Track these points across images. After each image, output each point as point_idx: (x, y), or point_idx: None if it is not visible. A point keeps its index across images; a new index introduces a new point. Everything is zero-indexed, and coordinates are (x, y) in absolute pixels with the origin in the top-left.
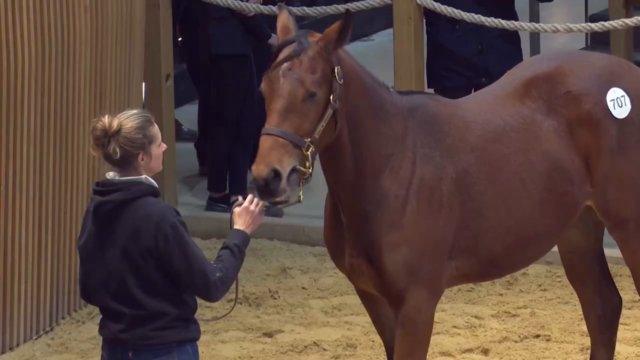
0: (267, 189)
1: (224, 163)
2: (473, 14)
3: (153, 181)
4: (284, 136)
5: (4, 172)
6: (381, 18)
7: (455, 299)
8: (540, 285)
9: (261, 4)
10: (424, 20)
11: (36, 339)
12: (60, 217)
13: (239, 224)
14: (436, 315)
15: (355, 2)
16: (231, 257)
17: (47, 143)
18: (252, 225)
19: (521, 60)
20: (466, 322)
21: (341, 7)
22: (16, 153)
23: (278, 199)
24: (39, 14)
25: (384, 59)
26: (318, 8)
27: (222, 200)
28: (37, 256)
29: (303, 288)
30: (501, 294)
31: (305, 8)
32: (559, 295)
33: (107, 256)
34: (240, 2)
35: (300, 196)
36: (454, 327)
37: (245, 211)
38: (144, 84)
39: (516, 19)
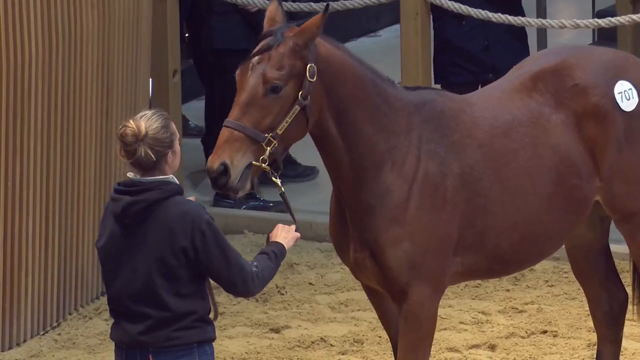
0: (216, 182)
1: None
2: (480, 10)
3: (177, 180)
4: (240, 129)
5: (11, 167)
6: (388, 14)
7: (462, 295)
8: (547, 281)
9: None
10: (431, 16)
11: (43, 334)
12: (67, 212)
13: (278, 238)
14: (443, 310)
15: None
16: (267, 260)
17: (54, 138)
18: (290, 240)
19: (528, 55)
20: (473, 317)
21: (348, 3)
22: (23, 148)
23: (228, 192)
24: (46, 10)
25: (390, 54)
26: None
27: (228, 196)
28: (44, 251)
29: (310, 284)
30: (508, 290)
31: (312, 4)
32: (566, 291)
33: (134, 257)
34: None
35: (280, 188)
36: (461, 322)
37: (281, 228)
38: (151, 79)
39: (523, 15)
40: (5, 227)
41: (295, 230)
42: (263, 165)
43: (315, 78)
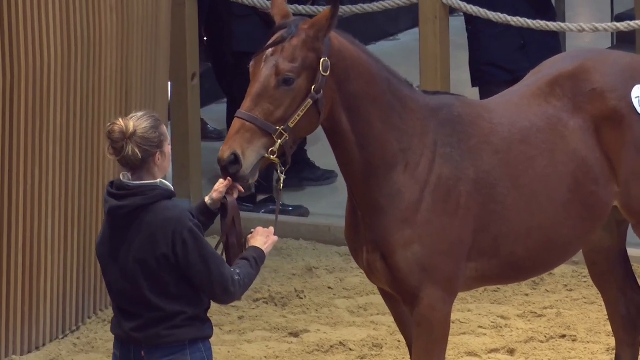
0: (227, 171)
1: None
2: (499, 14)
3: (167, 183)
4: (252, 121)
5: (30, 171)
6: (407, 17)
7: (481, 299)
8: (566, 286)
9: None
10: (464, 18)
11: (62, 338)
12: (86, 216)
13: (255, 242)
14: (462, 315)
15: (381, 1)
16: (248, 267)
17: (72, 142)
18: (268, 245)
19: (563, 52)
20: (492, 322)
21: (367, 7)
22: (42, 152)
23: (239, 182)
24: (64, 13)
25: (409, 58)
26: (344, 7)
27: (247, 200)
28: (64, 255)
29: (329, 288)
30: (527, 294)
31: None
32: (585, 295)
33: (121, 259)
34: (264, 1)
35: (280, 184)
36: (480, 327)
37: (260, 232)
38: (169, 82)
39: (554, 13)
40: (24, 231)
41: (281, 229)
42: (272, 157)
43: (328, 72)
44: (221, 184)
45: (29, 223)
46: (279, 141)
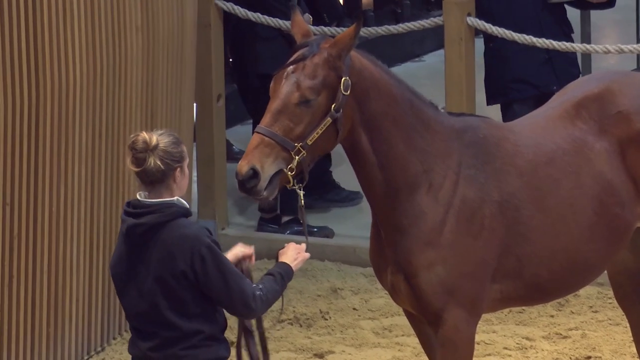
0: (244, 186)
1: None
2: (524, 35)
3: (184, 201)
4: (271, 136)
5: (56, 192)
6: (432, 39)
7: (506, 320)
8: (591, 307)
9: (310, 24)
10: (484, 36)
11: (87, 359)
12: (111, 236)
13: (285, 258)
14: (487, 336)
15: (407, 23)
16: (273, 282)
17: (98, 162)
18: (298, 261)
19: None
20: (517, 343)
21: (392, 28)
22: (67, 172)
23: (254, 197)
24: (90, 34)
25: (434, 79)
26: (370, 29)
27: (273, 221)
28: (89, 276)
29: (354, 309)
30: (552, 316)
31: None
32: (610, 316)
33: (138, 278)
34: (289, 23)
35: (300, 201)
36: (505, 348)
37: (292, 247)
38: (195, 104)
39: (571, 29)
40: (49, 252)
41: (306, 250)
42: (290, 174)
43: (348, 91)
44: (239, 251)
45: (54, 243)
46: (297, 158)
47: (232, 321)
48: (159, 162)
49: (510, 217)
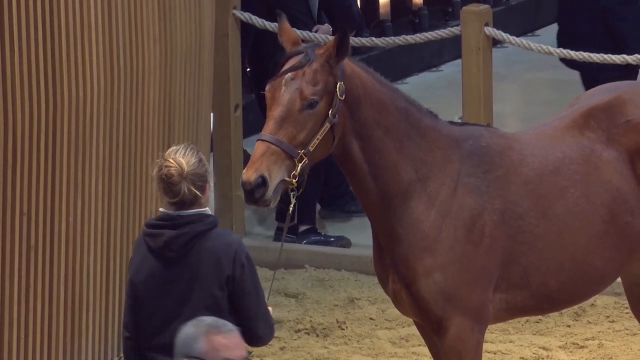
0: (252, 195)
1: None
2: (551, 47)
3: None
4: (277, 144)
5: (73, 203)
6: (450, 49)
7: (523, 330)
8: (608, 317)
9: (329, 35)
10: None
11: None
12: (128, 247)
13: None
14: (504, 346)
15: (424, 33)
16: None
17: (115, 174)
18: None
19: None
20: (534, 353)
21: (410, 38)
22: (84, 183)
23: (260, 206)
24: (107, 45)
25: (452, 89)
26: (387, 39)
27: (290, 231)
28: (105, 286)
29: (371, 319)
30: (569, 325)
31: (373, 39)
32: (627, 327)
33: (179, 290)
34: (309, 33)
35: (290, 208)
36: (522, 358)
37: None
38: (212, 113)
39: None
40: (66, 262)
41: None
42: (293, 181)
43: (344, 97)
44: None
45: (71, 254)
46: (300, 165)
47: None
48: (192, 188)
49: (514, 226)
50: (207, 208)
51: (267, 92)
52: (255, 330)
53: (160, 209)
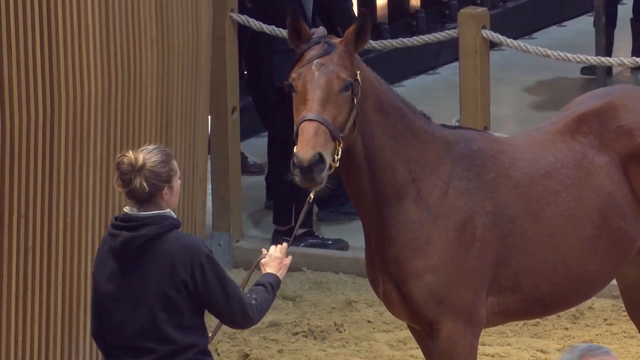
0: (310, 173)
1: (289, 196)
2: (539, 47)
3: (174, 215)
4: (325, 124)
5: (70, 204)
6: (447, 51)
7: (521, 333)
8: (606, 320)
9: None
10: None
11: None
12: None
13: (270, 269)
14: (501, 349)
15: (422, 36)
16: (264, 292)
17: (113, 175)
18: (282, 270)
19: None
20: (532, 356)
21: (407, 41)
22: (82, 185)
23: (316, 186)
24: (105, 46)
25: (450, 92)
26: (384, 41)
27: (287, 234)
28: None
29: (368, 321)
30: (567, 328)
31: (371, 41)
32: (625, 329)
33: (135, 293)
34: None
35: (310, 197)
36: None
37: (272, 259)
38: (209, 116)
39: None
40: (64, 264)
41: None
42: (336, 165)
43: (362, 85)
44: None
45: (69, 255)
46: (340, 147)
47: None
48: (144, 183)
49: (505, 228)
50: (168, 210)
51: (295, 78)
52: (233, 324)
53: (125, 209)
